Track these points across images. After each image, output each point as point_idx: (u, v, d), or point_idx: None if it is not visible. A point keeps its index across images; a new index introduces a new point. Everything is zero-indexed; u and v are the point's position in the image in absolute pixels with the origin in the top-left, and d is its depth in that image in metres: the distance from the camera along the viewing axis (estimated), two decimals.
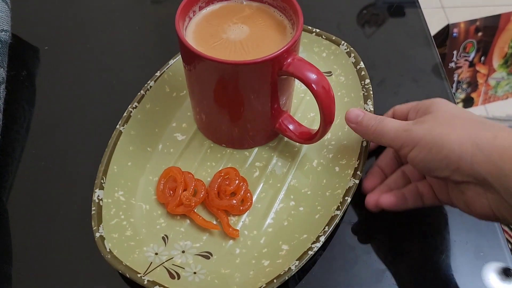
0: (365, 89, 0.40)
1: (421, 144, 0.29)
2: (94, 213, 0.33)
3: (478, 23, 0.90)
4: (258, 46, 0.33)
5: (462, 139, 0.28)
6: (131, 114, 0.38)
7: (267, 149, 0.39)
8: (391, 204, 0.33)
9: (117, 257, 0.31)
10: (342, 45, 0.42)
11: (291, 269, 0.31)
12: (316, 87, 0.31)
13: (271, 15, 0.35)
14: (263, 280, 0.31)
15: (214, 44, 0.33)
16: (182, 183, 0.35)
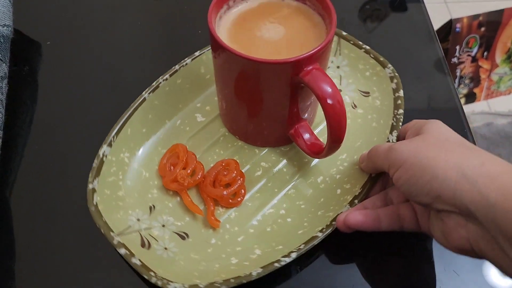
0: (396, 119, 0.37)
1: (405, 165, 0.28)
2: (94, 166, 0.35)
3: (481, 18, 0.88)
4: (289, 47, 0.32)
5: (447, 165, 0.26)
6: (159, 85, 0.39)
7: (278, 152, 0.38)
8: (358, 222, 0.31)
9: (100, 212, 0.33)
10: (388, 68, 0.40)
11: (252, 275, 0.30)
12: (327, 102, 0.30)
13: (309, 17, 0.34)
14: (223, 276, 0.31)
15: (245, 40, 0.33)
16: (182, 162, 0.36)
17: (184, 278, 0.31)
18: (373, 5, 0.50)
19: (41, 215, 0.36)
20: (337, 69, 0.42)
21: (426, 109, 0.42)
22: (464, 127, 0.41)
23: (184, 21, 0.48)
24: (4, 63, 0.38)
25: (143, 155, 0.37)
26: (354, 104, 0.40)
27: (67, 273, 0.33)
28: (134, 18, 0.48)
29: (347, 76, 0.42)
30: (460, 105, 0.42)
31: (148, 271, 0.31)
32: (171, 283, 0.30)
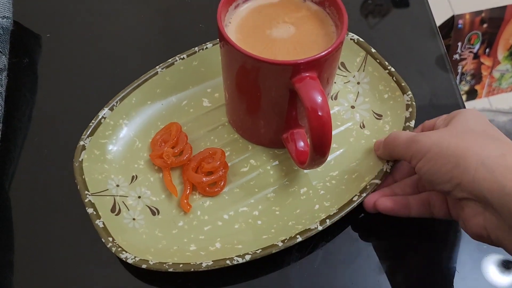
0: None
1: (428, 155, 0.29)
2: (91, 125, 0.36)
3: (484, 15, 0.87)
4: (294, 50, 0.32)
5: (468, 154, 0.27)
6: (174, 63, 0.40)
7: (271, 153, 0.38)
8: (387, 208, 0.33)
9: (82, 169, 0.34)
10: (407, 95, 0.38)
11: (201, 266, 0.31)
12: (313, 113, 0.29)
13: (324, 24, 0.33)
14: (175, 259, 0.31)
15: (252, 34, 0.32)
16: (173, 140, 0.36)
17: (139, 251, 0.32)
18: (375, 0, 0.49)
19: (40, 207, 0.35)
20: (356, 85, 0.41)
21: (427, 105, 0.42)
22: None
23: (190, 12, 0.48)
24: (3, 55, 0.38)
25: (141, 126, 0.38)
26: (363, 124, 0.39)
27: (65, 265, 0.33)
28: (135, 11, 0.48)
29: (364, 94, 0.40)
30: (462, 102, 0.42)
31: (108, 235, 0.32)
32: (124, 252, 0.31)
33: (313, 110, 0.29)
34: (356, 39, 0.42)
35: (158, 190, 0.36)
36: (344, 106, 0.40)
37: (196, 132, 0.38)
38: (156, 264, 0.31)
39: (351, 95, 0.41)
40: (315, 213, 0.34)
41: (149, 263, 0.31)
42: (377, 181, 0.34)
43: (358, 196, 0.34)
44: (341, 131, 0.39)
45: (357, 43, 0.42)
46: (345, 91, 0.41)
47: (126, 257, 0.31)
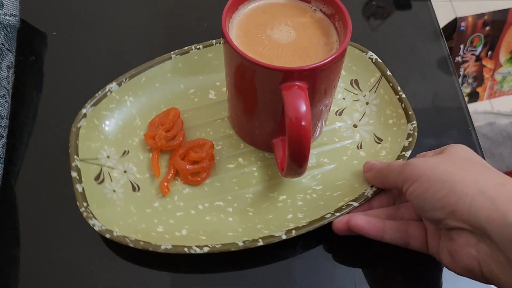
0: None
1: (421, 179, 0.28)
2: (96, 96, 0.38)
3: (486, 17, 0.87)
4: (290, 56, 0.32)
5: (466, 181, 0.26)
6: (190, 51, 0.41)
7: (260, 155, 0.38)
8: (357, 225, 0.32)
9: (78, 135, 0.36)
10: (412, 124, 0.37)
11: (160, 247, 0.31)
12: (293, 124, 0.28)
13: (327, 33, 0.33)
14: (139, 236, 0.32)
15: (252, 33, 0.33)
16: (168, 125, 0.37)
17: (108, 222, 0.33)
18: (377, 2, 0.49)
19: (45, 203, 0.36)
20: (365, 105, 0.40)
21: (430, 107, 0.41)
22: (469, 125, 0.41)
23: (194, 9, 0.48)
24: (10, 52, 0.39)
25: (145, 105, 0.40)
26: (361, 145, 0.38)
27: (68, 262, 0.33)
28: (140, 9, 0.49)
29: (370, 115, 0.40)
30: (465, 104, 0.42)
31: (83, 201, 0.33)
32: (93, 219, 0.32)
33: (293, 120, 0.29)
34: (375, 59, 0.41)
35: (144, 169, 0.37)
36: (346, 124, 0.39)
37: (194, 121, 0.39)
38: (119, 236, 0.32)
39: (356, 114, 0.40)
40: (285, 222, 0.34)
41: (113, 234, 0.32)
42: (355, 203, 0.33)
43: (331, 214, 0.33)
44: (337, 148, 0.38)
45: (375, 63, 0.41)
46: (352, 109, 0.40)
47: (93, 224, 0.32)
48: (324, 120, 0.37)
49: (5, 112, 0.37)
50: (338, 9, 0.32)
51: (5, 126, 0.37)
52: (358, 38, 0.42)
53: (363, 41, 0.42)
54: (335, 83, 0.33)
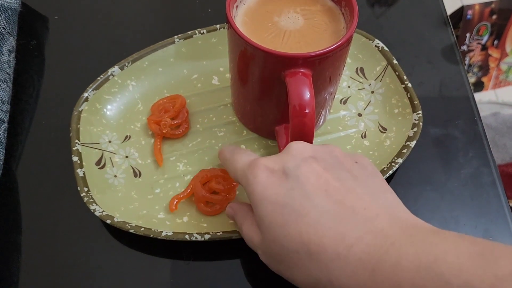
0: (389, 165, 0.34)
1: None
2: (98, 79, 0.37)
3: (493, 6, 0.86)
4: (296, 43, 0.31)
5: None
6: (193, 36, 0.40)
7: (263, 143, 0.37)
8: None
9: (79, 119, 0.36)
10: (417, 113, 0.37)
11: (161, 234, 0.31)
12: (297, 111, 0.28)
13: (336, 21, 0.32)
14: (140, 222, 0.32)
15: (259, 19, 0.32)
16: (174, 112, 0.37)
17: (109, 208, 0.33)
18: None
19: (46, 188, 0.36)
20: (370, 94, 0.40)
21: (437, 96, 0.41)
22: (475, 115, 0.40)
23: None
24: (12, 36, 0.38)
25: (147, 90, 0.39)
26: (365, 134, 0.38)
27: (72, 246, 0.33)
28: None
29: (376, 104, 0.39)
30: (471, 93, 0.42)
31: (84, 185, 0.33)
32: (94, 204, 0.32)
33: (296, 107, 0.28)
34: (381, 47, 0.40)
35: (146, 154, 0.37)
36: (351, 112, 0.39)
37: (197, 107, 0.39)
38: (120, 222, 0.32)
39: (361, 103, 0.39)
40: None
41: (114, 219, 0.32)
42: None
43: None
44: (341, 136, 0.38)
45: (381, 51, 0.40)
46: (356, 98, 0.40)
47: (94, 209, 0.32)
48: (328, 108, 0.37)
49: (6, 96, 0.36)
50: None
51: (6, 111, 0.36)
52: (364, 25, 0.42)
53: (369, 28, 0.42)
54: (340, 71, 0.33)
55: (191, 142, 0.37)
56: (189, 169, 0.36)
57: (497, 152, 0.87)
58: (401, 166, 0.36)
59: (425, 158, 0.38)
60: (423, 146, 0.38)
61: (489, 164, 0.38)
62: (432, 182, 0.36)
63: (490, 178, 0.37)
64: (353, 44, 0.40)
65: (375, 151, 0.37)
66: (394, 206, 0.24)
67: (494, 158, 0.38)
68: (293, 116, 0.28)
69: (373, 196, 0.24)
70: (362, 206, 0.23)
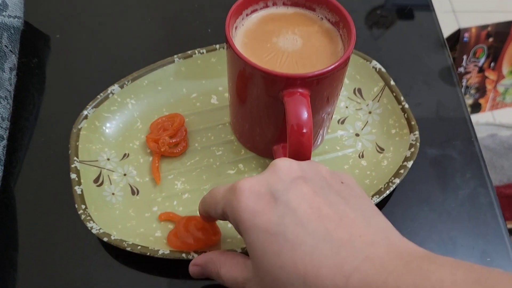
0: (386, 185, 0.34)
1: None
2: (98, 97, 0.38)
3: (490, 29, 0.88)
4: (294, 64, 0.32)
5: None
6: (193, 55, 0.41)
7: (261, 162, 0.38)
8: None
9: (78, 136, 0.36)
10: (414, 134, 0.37)
11: (158, 252, 0.31)
12: (295, 131, 0.28)
13: (334, 43, 0.33)
14: (137, 241, 0.32)
15: (258, 40, 0.33)
16: (172, 131, 0.37)
17: (106, 225, 0.33)
18: (381, 11, 0.50)
19: (44, 205, 0.36)
20: (367, 114, 0.40)
21: (434, 117, 0.42)
22: (472, 136, 0.41)
23: (198, 15, 0.48)
24: (14, 54, 0.39)
25: (147, 108, 0.39)
26: (363, 154, 0.38)
27: (68, 263, 0.33)
28: (144, 14, 0.48)
29: (373, 124, 0.39)
30: (468, 115, 0.42)
31: (81, 203, 0.33)
32: (91, 221, 0.32)
33: (294, 127, 0.28)
34: (378, 68, 0.41)
35: (144, 172, 0.37)
36: (348, 132, 0.39)
37: (196, 126, 0.39)
38: (117, 240, 0.31)
39: (359, 123, 0.40)
40: None
41: (111, 237, 0.32)
42: None
43: None
44: (338, 156, 0.38)
45: (378, 72, 0.41)
46: (354, 118, 0.40)
47: (91, 227, 0.32)
48: (326, 128, 0.37)
49: (6, 113, 0.37)
50: (342, 16, 0.32)
51: (6, 128, 0.36)
52: (361, 46, 0.42)
53: (367, 50, 0.42)
54: (337, 91, 0.33)
55: (189, 161, 0.37)
56: (187, 187, 0.36)
57: (495, 174, 0.88)
58: (398, 186, 0.36)
59: (423, 179, 0.38)
60: (421, 167, 0.38)
61: (486, 185, 0.38)
62: (429, 202, 0.37)
63: (488, 199, 0.37)
64: (351, 65, 0.41)
65: (372, 171, 0.37)
66: (387, 231, 0.24)
67: (492, 179, 0.38)
68: (291, 136, 0.29)
69: (366, 220, 0.24)
70: (357, 233, 0.23)
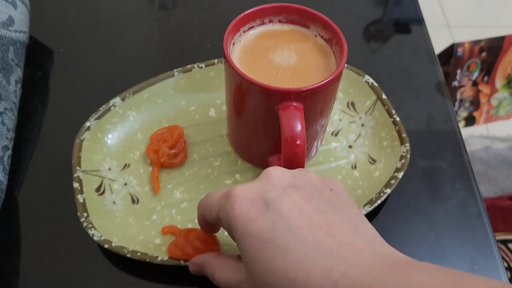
0: (378, 195, 0.36)
1: None
2: (100, 109, 0.39)
3: (483, 44, 0.91)
4: (289, 79, 0.33)
5: None
6: (192, 70, 0.42)
7: (257, 172, 0.39)
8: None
9: (81, 147, 0.37)
10: (405, 146, 0.38)
11: (157, 259, 0.32)
12: (289, 144, 0.30)
13: (327, 58, 0.34)
14: (137, 247, 0.33)
15: (254, 55, 0.34)
16: (172, 142, 0.39)
17: (107, 232, 0.34)
18: (377, 26, 0.51)
19: (47, 213, 0.37)
20: (360, 127, 0.41)
21: (425, 129, 0.43)
22: (461, 148, 0.42)
23: (197, 30, 0.50)
24: (19, 67, 0.40)
25: (147, 120, 0.41)
26: (355, 165, 0.39)
27: (70, 270, 0.34)
28: (145, 29, 0.50)
29: (366, 137, 0.41)
30: (457, 127, 0.44)
31: (83, 211, 0.34)
32: (93, 229, 0.33)
33: (288, 139, 0.30)
34: (371, 82, 0.42)
35: (144, 182, 0.38)
36: (342, 144, 0.41)
37: (195, 138, 0.40)
38: (117, 247, 0.33)
39: (352, 135, 0.41)
40: None
41: (111, 244, 0.33)
42: None
43: None
44: (332, 167, 0.39)
45: (371, 87, 0.42)
46: (347, 130, 0.41)
47: (93, 234, 0.33)
48: (320, 140, 0.39)
49: (11, 124, 0.38)
50: (335, 33, 0.34)
51: (11, 138, 0.38)
52: (355, 61, 0.44)
53: (360, 64, 0.44)
54: (330, 105, 0.35)
55: (188, 171, 0.39)
56: (186, 196, 0.37)
57: (489, 185, 0.89)
58: (390, 196, 0.37)
59: (413, 189, 0.39)
60: (412, 177, 0.39)
61: (475, 195, 0.39)
62: (420, 212, 0.38)
63: (476, 209, 0.38)
64: (344, 79, 0.43)
65: (364, 181, 0.38)
66: (373, 239, 0.25)
67: (486, 191, 0.40)
68: (285, 147, 0.30)
69: (354, 228, 0.25)
70: (345, 241, 0.24)
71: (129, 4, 0.53)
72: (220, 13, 0.52)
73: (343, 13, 0.53)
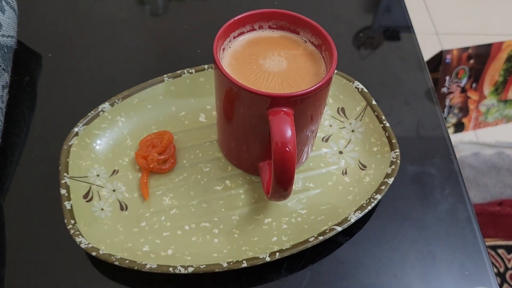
0: (368, 201, 0.36)
1: None
2: (89, 115, 0.39)
3: (471, 51, 0.93)
4: (279, 84, 0.33)
5: None
6: (182, 75, 0.42)
7: (247, 178, 0.39)
8: None
9: (69, 153, 0.37)
10: (395, 152, 0.38)
11: (145, 266, 0.32)
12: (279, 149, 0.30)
13: (317, 65, 0.34)
14: (125, 255, 0.33)
15: (244, 61, 0.34)
16: (161, 148, 0.38)
17: (95, 240, 0.33)
18: (367, 33, 0.52)
19: (34, 220, 0.36)
20: (350, 132, 0.41)
21: (414, 135, 0.43)
22: (450, 154, 0.42)
23: (188, 36, 0.50)
24: (6, 72, 0.39)
25: (136, 126, 0.40)
26: (346, 171, 0.39)
27: (57, 277, 0.34)
28: (135, 34, 0.50)
29: (356, 142, 0.41)
30: (447, 133, 0.44)
31: (71, 218, 0.34)
32: (80, 236, 0.33)
33: (278, 144, 0.30)
34: (361, 88, 0.42)
35: (133, 188, 0.37)
36: (332, 150, 0.41)
37: (184, 143, 0.40)
38: (105, 254, 0.32)
39: (342, 141, 0.41)
40: (269, 244, 0.34)
41: (99, 252, 0.32)
42: (338, 228, 0.34)
43: (314, 238, 0.34)
44: (322, 173, 0.39)
45: (360, 93, 0.42)
46: (338, 136, 0.41)
47: (80, 242, 0.33)
48: (310, 146, 0.38)
49: None
50: (324, 39, 0.34)
51: None
52: (345, 68, 0.44)
53: (350, 71, 0.44)
54: (321, 110, 0.35)
55: (177, 177, 0.38)
56: (175, 203, 0.37)
57: (479, 191, 0.90)
58: (380, 202, 0.37)
59: (403, 195, 0.39)
60: (401, 183, 0.40)
61: (465, 201, 0.39)
62: (410, 217, 0.38)
63: (466, 214, 0.38)
64: (334, 85, 0.43)
65: (355, 187, 0.38)
66: None
67: (476, 197, 0.40)
68: (275, 153, 0.30)
69: None
70: None
71: (119, 9, 0.53)
72: (210, 19, 0.52)
73: (333, 20, 0.53)
